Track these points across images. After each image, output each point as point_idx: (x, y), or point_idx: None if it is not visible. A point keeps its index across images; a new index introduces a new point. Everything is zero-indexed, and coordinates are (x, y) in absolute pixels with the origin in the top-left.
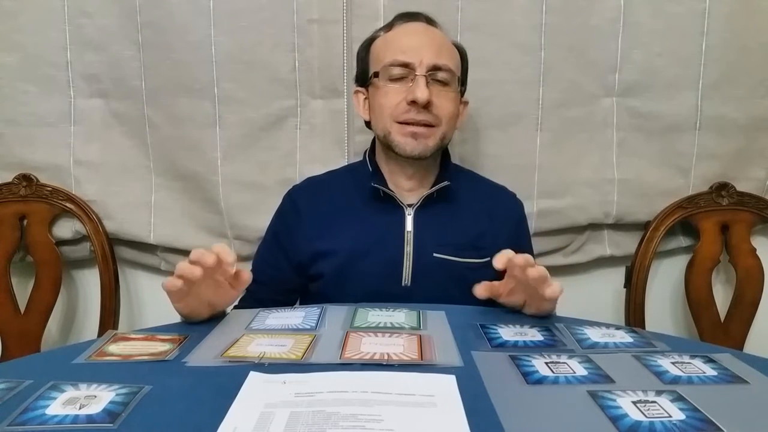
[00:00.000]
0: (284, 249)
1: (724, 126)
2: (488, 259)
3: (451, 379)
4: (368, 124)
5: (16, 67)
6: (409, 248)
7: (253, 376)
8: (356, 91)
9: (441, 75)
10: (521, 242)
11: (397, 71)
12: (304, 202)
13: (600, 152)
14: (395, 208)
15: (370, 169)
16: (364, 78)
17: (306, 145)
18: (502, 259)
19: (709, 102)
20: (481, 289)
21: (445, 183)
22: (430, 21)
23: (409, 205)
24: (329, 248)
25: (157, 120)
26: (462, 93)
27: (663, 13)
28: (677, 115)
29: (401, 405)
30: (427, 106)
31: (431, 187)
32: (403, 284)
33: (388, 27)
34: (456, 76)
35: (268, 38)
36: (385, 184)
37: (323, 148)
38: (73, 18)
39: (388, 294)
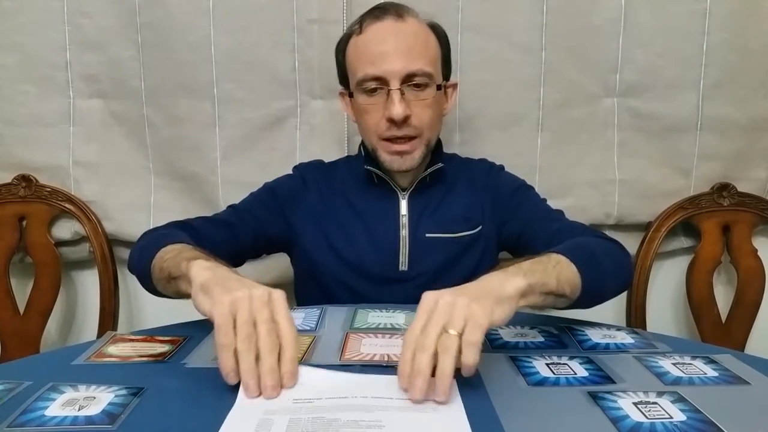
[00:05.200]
0: (281, 205)
1: (725, 126)
2: (480, 228)
3: (452, 382)
4: None
5: (15, 68)
6: (404, 232)
7: None
8: (341, 93)
9: (416, 80)
10: (515, 206)
11: (371, 86)
12: (310, 177)
13: (601, 153)
14: (390, 192)
15: (363, 155)
16: (345, 81)
17: (306, 145)
18: None
19: (710, 102)
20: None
21: (439, 165)
22: (399, 14)
23: (404, 190)
24: (326, 233)
25: (157, 120)
26: (447, 77)
27: (664, 13)
28: (678, 116)
29: (402, 410)
30: (405, 120)
31: (425, 171)
32: (400, 269)
33: (359, 26)
34: (433, 77)
35: (268, 38)
36: (379, 168)
37: (323, 149)
38: (73, 18)
39: (386, 279)
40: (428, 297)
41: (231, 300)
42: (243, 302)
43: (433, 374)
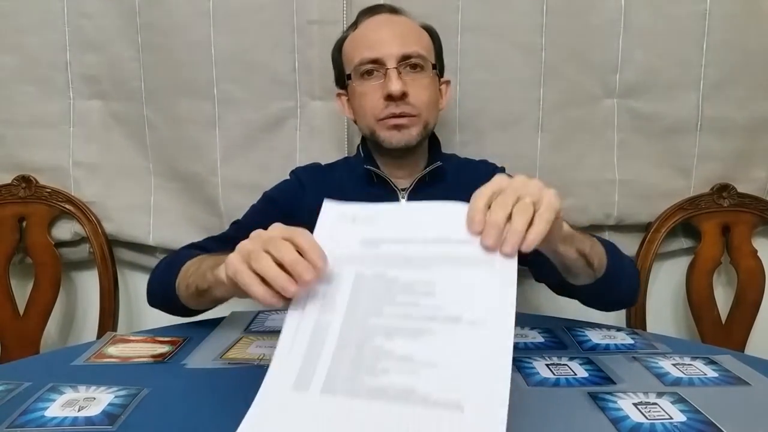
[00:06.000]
0: (282, 212)
1: (725, 127)
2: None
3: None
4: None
5: (15, 68)
6: None
7: (327, 207)
8: (338, 94)
9: (412, 62)
10: None
11: (367, 68)
12: (307, 179)
13: (601, 153)
14: (389, 193)
15: (363, 155)
16: (342, 80)
17: (305, 146)
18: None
19: (710, 103)
20: None
21: (438, 164)
22: (393, 10)
23: (402, 189)
24: None
25: (157, 121)
26: (441, 73)
27: (664, 14)
28: (678, 116)
29: (458, 265)
30: (403, 97)
31: (424, 169)
32: None
33: (354, 26)
34: (428, 60)
35: (268, 39)
36: (378, 169)
37: (323, 149)
38: (73, 19)
39: None
40: (501, 174)
41: (236, 251)
42: (244, 244)
43: None
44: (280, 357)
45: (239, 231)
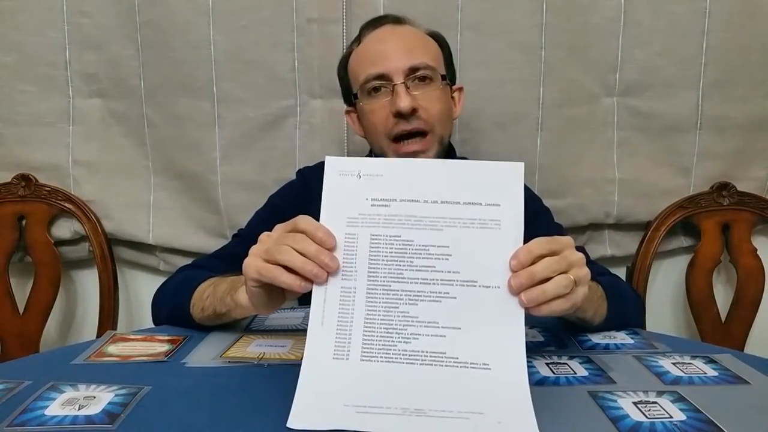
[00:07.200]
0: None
1: (724, 126)
2: None
3: (517, 169)
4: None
5: (14, 67)
6: None
7: (330, 165)
8: (347, 111)
9: (420, 74)
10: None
11: (374, 85)
12: (314, 181)
13: (601, 152)
14: None
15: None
16: (349, 98)
17: (305, 144)
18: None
19: (710, 101)
20: None
21: None
22: (397, 20)
23: None
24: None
25: (156, 119)
26: (452, 80)
27: (664, 12)
28: (678, 115)
29: (468, 226)
30: (414, 113)
31: None
32: None
33: (357, 40)
34: (437, 70)
35: (268, 37)
36: None
37: (322, 148)
38: (72, 17)
39: None
40: (568, 239)
41: (251, 255)
42: (258, 248)
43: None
44: (315, 328)
45: (243, 245)
